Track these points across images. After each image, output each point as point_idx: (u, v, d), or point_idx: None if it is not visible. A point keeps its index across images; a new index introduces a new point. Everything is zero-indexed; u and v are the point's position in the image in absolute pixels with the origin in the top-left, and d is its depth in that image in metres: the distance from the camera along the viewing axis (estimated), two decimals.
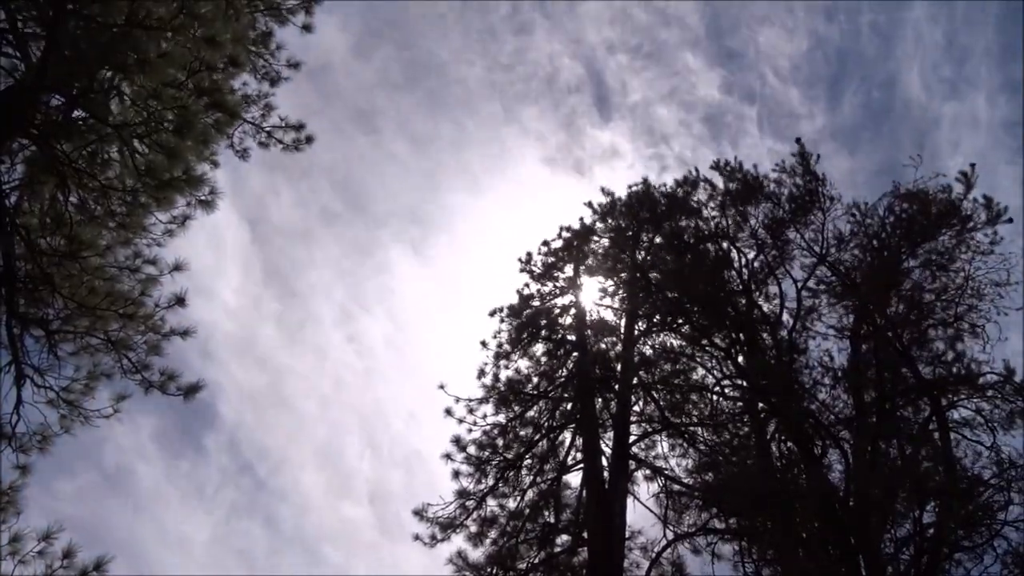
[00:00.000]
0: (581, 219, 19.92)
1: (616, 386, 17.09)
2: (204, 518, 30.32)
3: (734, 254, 16.91)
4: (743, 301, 16.30)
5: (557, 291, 19.82)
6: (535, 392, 18.20)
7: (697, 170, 18.01)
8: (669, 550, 15.05)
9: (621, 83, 41.70)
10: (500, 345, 18.85)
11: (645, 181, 19.37)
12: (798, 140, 16.19)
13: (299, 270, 36.17)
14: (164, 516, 28.35)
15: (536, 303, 19.68)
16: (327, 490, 34.46)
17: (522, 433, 17.74)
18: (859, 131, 39.61)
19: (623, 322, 18.35)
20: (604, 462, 15.80)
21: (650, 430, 17.04)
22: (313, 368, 35.47)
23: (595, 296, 19.34)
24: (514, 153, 40.48)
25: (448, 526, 16.02)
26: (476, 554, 15.55)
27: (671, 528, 15.54)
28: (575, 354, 18.32)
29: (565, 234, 20.15)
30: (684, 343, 17.44)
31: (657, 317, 17.84)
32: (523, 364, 18.73)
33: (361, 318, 37.13)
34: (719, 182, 17.30)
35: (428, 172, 39.15)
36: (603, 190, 19.86)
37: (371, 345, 37.30)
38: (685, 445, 16.50)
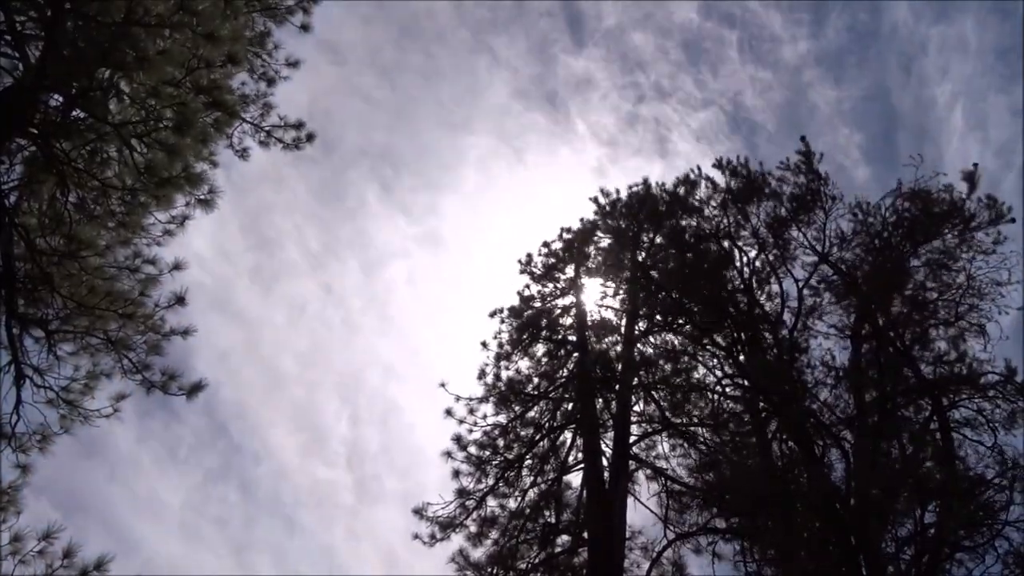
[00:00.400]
0: (582, 219, 19.96)
1: (617, 386, 17.05)
2: (178, 482, 29.40)
3: (735, 253, 16.91)
4: (744, 300, 16.28)
5: (558, 292, 19.81)
6: (536, 392, 18.18)
7: (699, 168, 17.98)
8: (670, 550, 15.05)
9: (595, 7, 40.09)
10: (501, 346, 18.84)
11: (645, 181, 19.34)
12: (803, 138, 16.20)
13: (270, 214, 34.78)
14: (137, 480, 27.37)
15: (537, 304, 19.68)
16: (303, 451, 33.62)
17: (523, 433, 17.73)
18: (844, 56, 38.43)
19: (624, 322, 18.33)
20: (605, 462, 15.77)
21: (651, 430, 17.01)
22: (289, 322, 34.41)
23: (596, 296, 19.36)
24: (486, 86, 39.04)
25: (448, 525, 16.01)
26: (477, 553, 15.56)
27: (672, 528, 15.53)
28: (576, 354, 18.29)
29: (566, 235, 20.15)
30: (685, 342, 17.42)
31: (658, 317, 17.83)
32: (524, 364, 18.75)
33: (335, 266, 36.05)
34: (720, 180, 17.30)
35: (398, 107, 37.61)
36: (602, 191, 19.86)
37: (346, 295, 36.25)
38: (686, 445, 16.48)
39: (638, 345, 17.90)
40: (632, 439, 16.27)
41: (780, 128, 39.03)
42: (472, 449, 17.09)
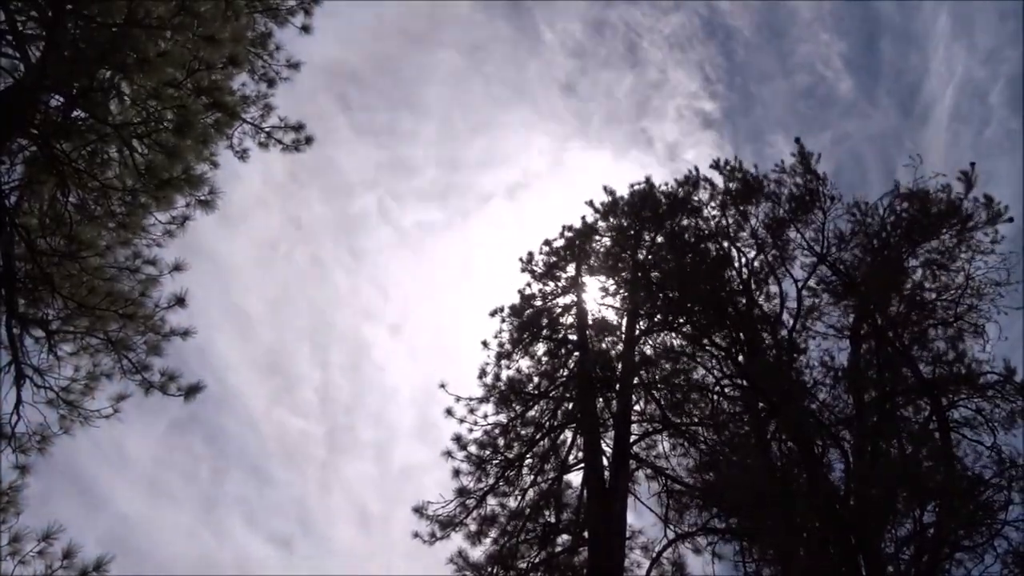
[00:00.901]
0: (583, 218, 19.94)
1: (617, 385, 17.07)
2: (142, 431, 27.30)
3: (734, 253, 16.93)
4: (743, 300, 16.30)
5: (559, 291, 19.82)
6: (536, 391, 18.18)
7: (697, 169, 18.01)
8: (670, 550, 15.08)
9: None
10: (501, 345, 18.85)
11: (647, 180, 19.35)
12: (797, 140, 16.21)
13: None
14: (102, 432, 26.49)
15: (538, 303, 19.68)
16: (272, 400, 32.49)
17: (523, 432, 17.73)
18: None
19: (624, 321, 18.35)
20: (605, 462, 15.78)
21: (651, 429, 17.03)
22: (258, 260, 33.03)
23: (596, 295, 19.37)
24: None
25: (448, 524, 16.01)
26: (476, 553, 15.57)
27: (672, 528, 15.57)
28: (576, 354, 18.30)
29: (567, 233, 20.14)
30: (685, 342, 17.43)
31: (658, 316, 17.83)
32: (524, 364, 18.75)
33: (302, 197, 34.69)
34: (719, 182, 17.32)
35: (358, 19, 35.33)
36: (605, 189, 19.87)
37: (316, 229, 34.95)
38: (686, 444, 16.50)
39: (638, 345, 17.91)
40: (632, 438, 16.28)
41: (758, 33, 37.40)
42: (472, 448, 17.10)
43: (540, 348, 19.08)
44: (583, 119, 40.58)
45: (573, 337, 18.84)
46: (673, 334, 17.91)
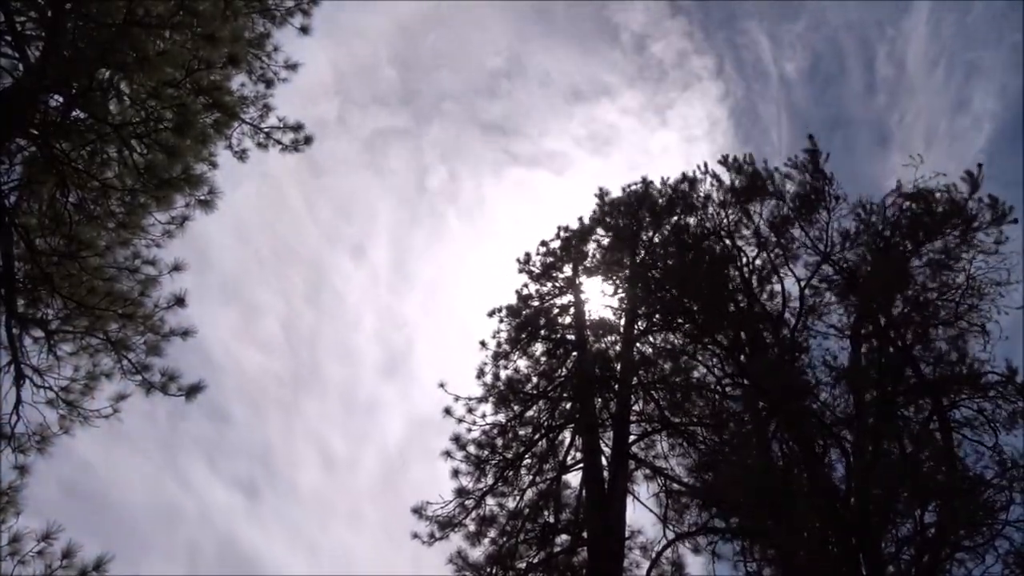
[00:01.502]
0: (580, 219, 19.92)
1: (616, 385, 17.05)
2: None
3: (736, 252, 16.84)
4: (745, 299, 16.25)
5: (556, 291, 19.78)
6: (534, 391, 18.16)
7: (706, 164, 17.79)
8: (669, 550, 15.06)
9: None
10: (499, 345, 18.82)
11: (644, 180, 19.28)
12: (810, 136, 16.13)
13: None
14: None
15: (535, 303, 19.65)
16: (233, 334, 31.38)
17: (521, 432, 17.70)
18: None
19: (623, 321, 18.32)
20: (604, 462, 15.77)
21: (650, 429, 17.00)
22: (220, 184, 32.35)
23: (595, 295, 19.33)
24: None
25: (447, 524, 16.00)
26: (475, 553, 15.56)
27: (671, 528, 15.57)
28: (574, 353, 18.28)
29: (564, 234, 20.12)
30: (685, 342, 17.39)
31: (657, 316, 17.80)
32: (522, 364, 18.71)
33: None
34: (725, 177, 17.18)
35: None
36: (600, 190, 19.83)
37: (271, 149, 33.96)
38: (685, 444, 16.47)
39: (637, 344, 17.89)
40: (631, 438, 16.27)
41: None
42: (471, 448, 17.08)
43: (538, 348, 19.07)
44: (543, 11, 38.73)
45: (571, 337, 18.81)
46: (673, 333, 17.88)
